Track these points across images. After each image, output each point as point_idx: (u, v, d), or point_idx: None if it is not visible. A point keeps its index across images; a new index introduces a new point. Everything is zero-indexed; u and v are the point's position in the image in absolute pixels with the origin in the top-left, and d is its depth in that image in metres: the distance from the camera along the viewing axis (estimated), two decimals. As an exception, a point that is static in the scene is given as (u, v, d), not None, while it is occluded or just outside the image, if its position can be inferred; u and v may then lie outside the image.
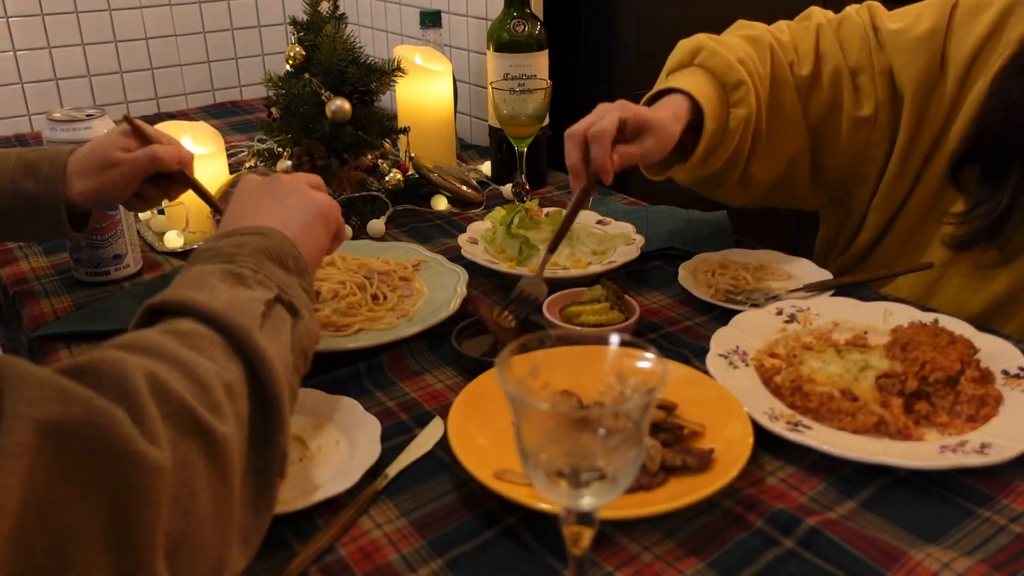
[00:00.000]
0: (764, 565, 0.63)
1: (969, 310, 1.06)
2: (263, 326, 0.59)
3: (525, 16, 1.34)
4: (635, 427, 0.49)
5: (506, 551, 0.65)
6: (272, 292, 0.62)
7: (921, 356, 0.81)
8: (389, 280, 1.05)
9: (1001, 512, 0.68)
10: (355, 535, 0.67)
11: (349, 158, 1.28)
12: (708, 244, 1.17)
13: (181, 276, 0.62)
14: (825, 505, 0.69)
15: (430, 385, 0.87)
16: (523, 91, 1.23)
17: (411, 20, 1.85)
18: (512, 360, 0.52)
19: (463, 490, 0.72)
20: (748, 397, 0.79)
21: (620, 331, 0.89)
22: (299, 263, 0.68)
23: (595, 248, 1.13)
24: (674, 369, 0.83)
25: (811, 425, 0.77)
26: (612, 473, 0.49)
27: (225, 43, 2.02)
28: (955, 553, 0.63)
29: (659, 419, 0.75)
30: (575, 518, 0.52)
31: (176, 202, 1.21)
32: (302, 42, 1.29)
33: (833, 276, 1.06)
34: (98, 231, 1.08)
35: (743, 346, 0.89)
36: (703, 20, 1.62)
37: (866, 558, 0.63)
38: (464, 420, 0.75)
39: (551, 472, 0.50)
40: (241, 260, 0.63)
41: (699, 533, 0.66)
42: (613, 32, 1.56)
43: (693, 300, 1.04)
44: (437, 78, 1.45)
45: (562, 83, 1.54)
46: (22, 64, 1.78)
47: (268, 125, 1.31)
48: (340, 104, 1.23)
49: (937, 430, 0.78)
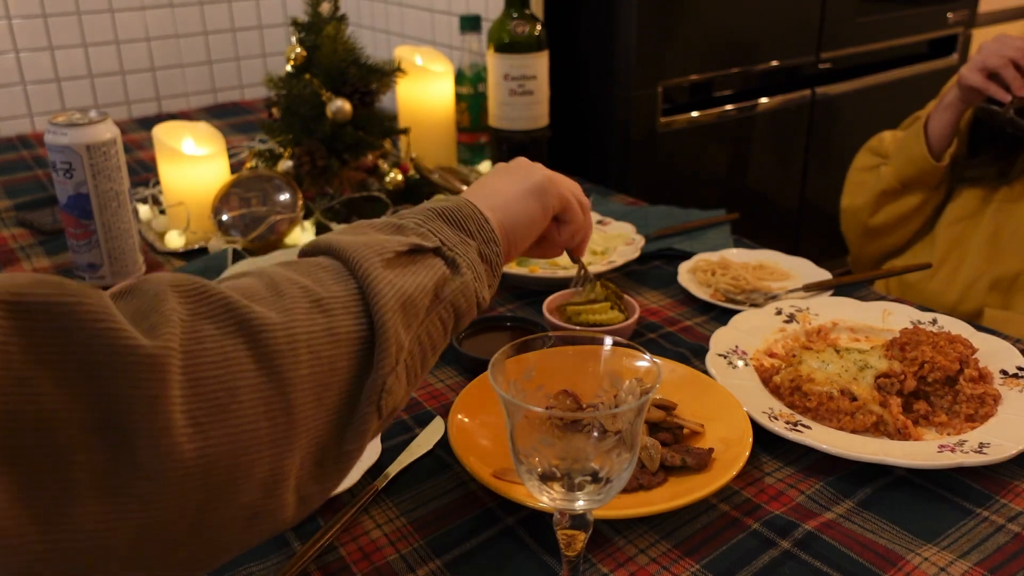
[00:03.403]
0: (761, 567, 0.63)
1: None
2: (396, 263, 0.56)
3: (525, 16, 1.34)
4: (629, 429, 0.49)
5: (505, 551, 0.65)
6: (432, 243, 0.59)
7: (920, 356, 0.81)
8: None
9: (999, 512, 0.68)
10: (355, 535, 0.67)
11: (350, 158, 1.29)
12: (708, 244, 1.18)
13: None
14: (824, 505, 0.69)
15: (430, 385, 0.88)
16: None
17: (412, 20, 1.85)
18: (506, 363, 0.52)
19: (463, 490, 0.72)
20: (747, 397, 0.80)
21: (620, 331, 0.90)
22: (484, 229, 0.64)
23: (595, 248, 1.13)
24: (674, 369, 0.83)
25: (810, 425, 0.77)
26: (606, 475, 0.49)
27: (226, 44, 2.02)
28: (952, 556, 0.64)
29: (658, 419, 0.75)
30: (569, 520, 0.52)
31: (177, 202, 1.22)
32: (303, 43, 1.29)
33: (832, 276, 1.06)
34: (73, 235, 1.07)
35: (742, 346, 0.89)
36: (703, 20, 1.62)
37: (863, 560, 0.63)
38: (464, 420, 0.75)
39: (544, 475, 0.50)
40: (408, 215, 0.62)
41: (696, 535, 0.67)
42: (613, 32, 1.56)
43: (693, 300, 1.04)
44: (438, 79, 1.45)
45: (562, 83, 1.55)
46: (24, 65, 1.79)
47: (269, 125, 1.31)
48: (341, 104, 1.23)
49: (936, 430, 0.79)
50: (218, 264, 1.12)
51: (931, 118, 1.28)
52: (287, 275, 0.52)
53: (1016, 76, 1.17)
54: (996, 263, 1.25)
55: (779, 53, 1.79)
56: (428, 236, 0.60)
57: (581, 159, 1.68)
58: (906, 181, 1.31)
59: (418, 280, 0.56)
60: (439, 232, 0.61)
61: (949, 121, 1.26)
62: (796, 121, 1.90)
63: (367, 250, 0.54)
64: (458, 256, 0.60)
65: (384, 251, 0.55)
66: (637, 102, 1.59)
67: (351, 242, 0.55)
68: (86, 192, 1.04)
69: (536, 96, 1.36)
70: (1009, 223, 1.25)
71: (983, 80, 1.18)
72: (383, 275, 0.53)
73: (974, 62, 1.19)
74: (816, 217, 2.04)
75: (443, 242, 0.60)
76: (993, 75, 1.18)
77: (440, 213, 0.63)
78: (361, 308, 0.52)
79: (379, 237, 0.57)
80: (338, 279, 0.53)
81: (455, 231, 0.62)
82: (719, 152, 1.80)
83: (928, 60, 2.11)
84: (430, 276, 0.57)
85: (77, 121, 1.03)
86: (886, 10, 1.96)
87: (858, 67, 1.99)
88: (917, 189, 1.31)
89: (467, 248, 0.62)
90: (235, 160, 1.41)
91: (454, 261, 0.60)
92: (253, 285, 0.50)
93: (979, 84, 1.19)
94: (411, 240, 0.58)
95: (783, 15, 1.76)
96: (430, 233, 0.60)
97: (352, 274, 0.53)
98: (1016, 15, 2.52)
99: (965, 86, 1.21)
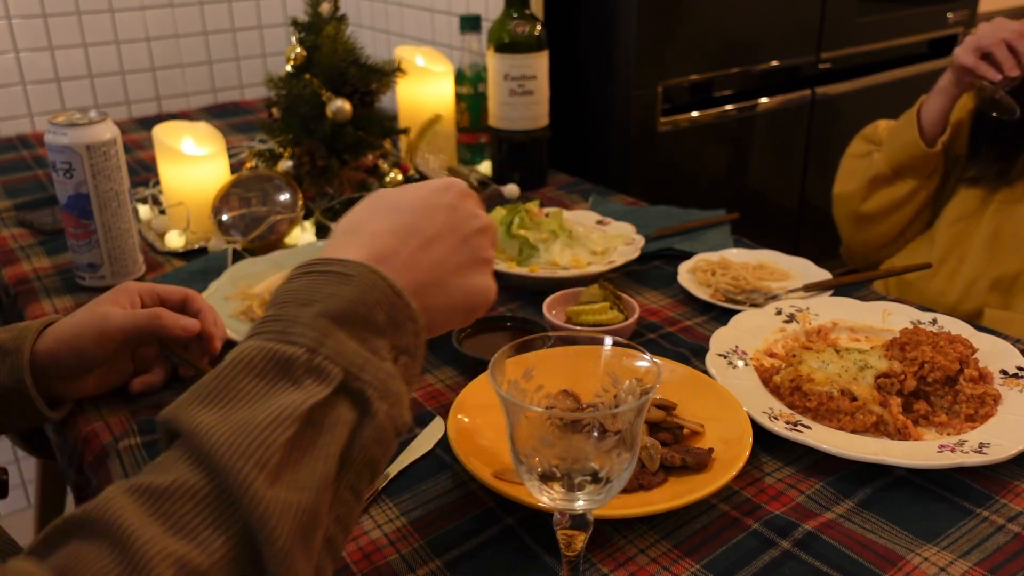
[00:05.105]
0: (761, 567, 0.63)
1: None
2: (288, 462, 0.44)
3: (525, 16, 1.34)
4: (629, 429, 0.49)
5: (505, 551, 0.65)
6: (330, 385, 0.47)
7: (920, 356, 0.81)
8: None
9: (999, 512, 0.68)
10: (355, 535, 0.67)
11: (350, 158, 1.29)
12: (708, 244, 1.18)
13: (221, 364, 0.48)
14: (824, 505, 0.69)
15: (430, 385, 0.88)
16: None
17: (411, 20, 1.85)
18: (505, 363, 0.52)
19: (463, 490, 0.72)
20: (747, 397, 0.80)
21: (620, 331, 0.90)
22: (395, 314, 0.51)
23: (595, 248, 1.13)
24: (673, 369, 0.83)
25: (810, 425, 0.77)
26: (606, 475, 0.49)
27: (226, 44, 2.02)
28: (952, 556, 0.64)
29: (658, 419, 0.75)
30: (569, 520, 0.52)
31: (177, 202, 1.22)
32: (303, 43, 1.29)
33: (832, 276, 1.06)
34: (73, 235, 1.07)
35: (742, 346, 0.89)
36: (703, 20, 1.62)
37: (863, 560, 0.63)
38: (464, 420, 0.75)
39: (544, 475, 0.50)
40: (298, 333, 0.48)
41: (696, 535, 0.66)
42: (613, 32, 1.56)
43: (692, 300, 1.04)
44: (438, 79, 1.45)
45: (562, 83, 1.55)
46: (24, 65, 1.79)
47: (269, 125, 1.31)
48: (340, 104, 1.23)
49: (936, 430, 0.79)
50: (218, 264, 1.12)
51: (924, 104, 1.28)
52: (145, 535, 0.40)
53: (1008, 56, 1.17)
54: (996, 263, 1.25)
55: (779, 53, 1.79)
56: (326, 370, 0.47)
57: (581, 159, 1.68)
58: (898, 167, 1.31)
59: (318, 468, 0.45)
60: (339, 354, 0.47)
61: (942, 106, 1.26)
62: (796, 121, 1.90)
63: (246, 460, 0.43)
64: (367, 385, 0.48)
65: (269, 450, 0.43)
66: (637, 102, 1.59)
67: (223, 437, 0.43)
68: (86, 192, 1.04)
69: (536, 96, 1.36)
70: (1009, 223, 1.25)
71: (975, 60, 1.19)
72: (273, 500, 0.42)
73: (968, 43, 1.20)
74: (816, 217, 2.04)
75: (348, 369, 0.47)
76: (986, 55, 1.19)
77: (339, 317, 0.48)
78: (249, 555, 0.42)
79: (260, 411, 0.45)
80: (215, 521, 0.42)
81: (359, 341, 0.49)
82: (719, 152, 1.80)
83: (928, 60, 2.11)
84: (335, 442, 0.46)
85: (77, 121, 1.03)
86: (886, 10, 1.96)
87: (858, 67, 1.99)
88: (909, 175, 1.31)
89: (377, 366, 0.49)
90: (235, 160, 1.41)
91: (362, 395, 0.48)
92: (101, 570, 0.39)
93: (971, 63, 1.19)
94: (306, 399, 0.45)
95: (783, 15, 1.76)
96: (328, 361, 0.47)
97: (232, 506, 0.42)
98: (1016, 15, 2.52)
99: (958, 65, 1.21)
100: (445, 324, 0.57)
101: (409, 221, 0.56)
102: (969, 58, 1.19)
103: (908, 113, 1.30)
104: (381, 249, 0.53)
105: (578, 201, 1.38)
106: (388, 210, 0.56)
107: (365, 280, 0.50)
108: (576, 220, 1.18)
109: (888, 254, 1.41)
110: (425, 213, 0.56)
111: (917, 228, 1.38)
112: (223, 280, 1.04)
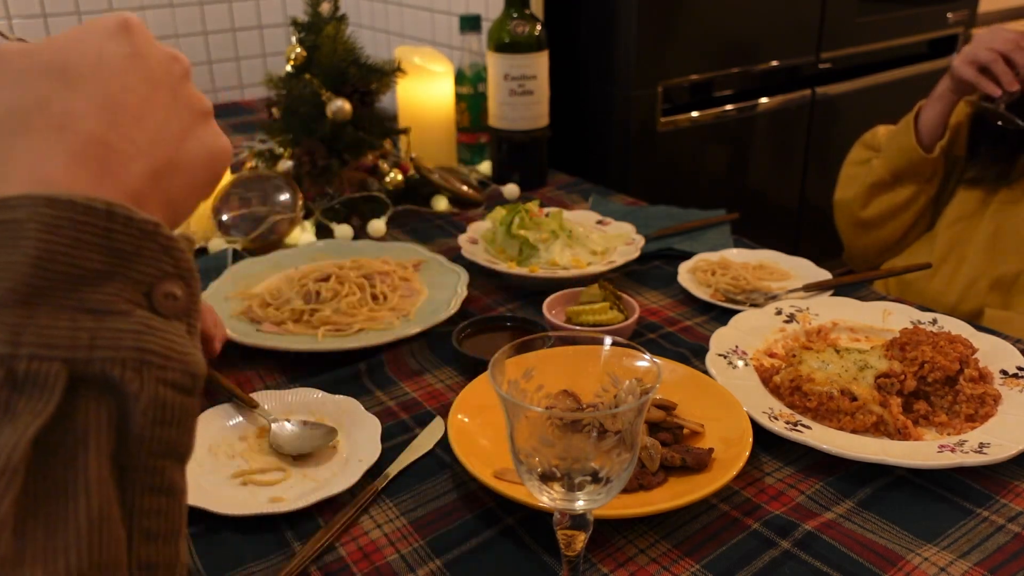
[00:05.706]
0: (761, 567, 0.63)
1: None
2: (25, 522, 0.32)
3: (525, 16, 1.34)
4: (629, 429, 0.49)
5: (505, 551, 0.65)
6: (54, 390, 0.33)
7: (920, 356, 0.81)
8: (389, 280, 1.05)
9: (999, 512, 0.68)
10: (355, 535, 0.67)
11: (350, 158, 1.29)
12: (708, 244, 1.18)
13: None
14: (824, 505, 0.69)
15: (430, 385, 0.88)
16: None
17: (411, 20, 1.85)
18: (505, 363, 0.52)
19: (463, 490, 0.72)
20: (747, 397, 0.80)
21: (620, 331, 0.90)
22: (117, 244, 0.35)
23: (595, 248, 1.13)
24: (674, 369, 0.83)
25: (810, 425, 0.77)
26: (606, 476, 0.49)
27: (226, 44, 2.02)
28: (952, 556, 0.64)
29: (658, 419, 0.75)
30: (569, 520, 0.52)
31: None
32: (303, 43, 1.29)
33: (832, 276, 1.06)
34: None
35: (742, 346, 0.89)
36: (703, 20, 1.62)
37: (863, 560, 0.63)
38: (464, 420, 0.75)
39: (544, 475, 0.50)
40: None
41: (696, 535, 0.66)
42: (613, 32, 1.56)
43: (693, 300, 1.04)
44: (438, 79, 1.45)
45: (562, 83, 1.55)
46: (24, 65, 1.79)
47: (269, 125, 1.31)
48: (341, 104, 1.23)
49: (936, 430, 0.79)
50: (218, 264, 1.12)
51: (922, 109, 1.28)
52: None
53: (1006, 70, 1.17)
54: (996, 263, 1.25)
55: (779, 53, 1.79)
56: (39, 370, 0.33)
57: (581, 159, 1.68)
58: (897, 173, 1.31)
59: (80, 508, 0.33)
60: (50, 342, 0.33)
61: (940, 112, 1.26)
62: (796, 121, 1.90)
63: None
64: (108, 364, 0.34)
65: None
66: (637, 102, 1.59)
67: None
68: (86, 192, 1.04)
69: (536, 96, 1.36)
70: (1009, 223, 1.25)
71: (974, 74, 1.19)
72: None
73: (965, 54, 1.20)
74: (816, 217, 2.04)
75: (70, 358, 0.33)
76: (984, 69, 1.19)
77: (25, 294, 0.33)
78: None
79: None
80: None
81: (68, 306, 0.34)
82: (719, 152, 1.80)
83: (928, 60, 2.11)
84: (96, 457, 0.34)
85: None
86: (886, 10, 1.96)
87: (858, 67, 1.99)
88: (908, 181, 1.31)
89: (113, 329, 0.34)
90: (235, 160, 1.41)
91: (107, 378, 0.34)
92: None
93: (970, 78, 1.19)
94: (25, 428, 0.32)
95: (783, 15, 1.76)
96: (38, 362, 0.33)
97: None
98: (1016, 15, 2.52)
99: (956, 78, 1.21)
100: (191, 207, 0.44)
101: (102, 91, 0.38)
102: (968, 72, 1.19)
103: (906, 119, 1.30)
104: (84, 146, 0.37)
105: (578, 201, 1.38)
106: (59, 75, 0.38)
107: (48, 221, 0.33)
108: (576, 220, 1.18)
109: (890, 258, 1.41)
110: (112, 74, 0.39)
111: (918, 232, 1.38)
112: (223, 280, 1.04)
